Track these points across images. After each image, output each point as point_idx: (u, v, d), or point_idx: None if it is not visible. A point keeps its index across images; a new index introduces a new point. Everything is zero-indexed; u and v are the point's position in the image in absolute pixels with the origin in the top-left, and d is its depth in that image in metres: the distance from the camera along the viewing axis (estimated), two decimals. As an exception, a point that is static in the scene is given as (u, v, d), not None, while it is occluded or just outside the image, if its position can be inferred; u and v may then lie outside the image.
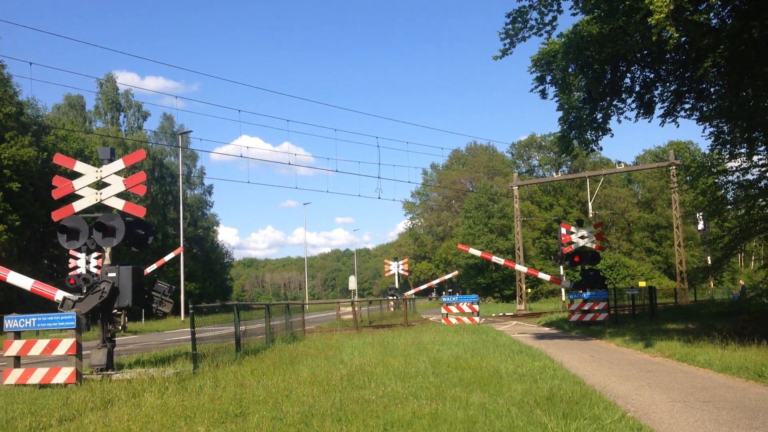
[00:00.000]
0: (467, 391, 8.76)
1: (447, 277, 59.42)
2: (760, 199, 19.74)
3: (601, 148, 20.81)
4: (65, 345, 11.62)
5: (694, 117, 19.28)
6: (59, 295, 13.76)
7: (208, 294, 67.17)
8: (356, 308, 30.39)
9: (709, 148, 20.42)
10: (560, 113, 19.64)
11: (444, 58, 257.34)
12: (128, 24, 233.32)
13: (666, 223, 78.36)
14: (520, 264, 45.95)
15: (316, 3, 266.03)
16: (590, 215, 51.69)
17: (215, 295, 69.99)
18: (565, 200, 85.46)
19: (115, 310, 13.34)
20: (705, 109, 18.98)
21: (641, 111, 19.59)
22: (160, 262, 39.48)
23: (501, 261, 35.84)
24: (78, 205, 13.34)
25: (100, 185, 13.55)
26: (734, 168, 19.84)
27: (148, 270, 32.58)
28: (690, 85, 18.69)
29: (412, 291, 47.15)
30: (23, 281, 14.54)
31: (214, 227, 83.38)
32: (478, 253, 33.88)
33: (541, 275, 39.71)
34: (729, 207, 22.38)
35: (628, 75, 19.40)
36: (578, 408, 7.44)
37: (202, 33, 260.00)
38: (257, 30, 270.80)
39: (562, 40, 17.98)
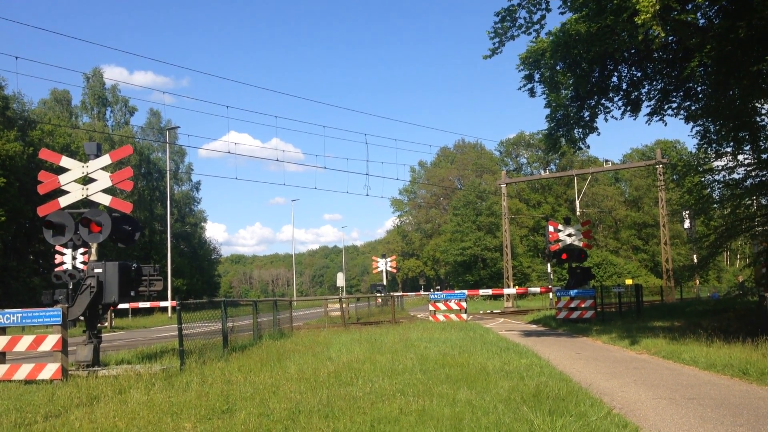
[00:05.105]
0: (454, 388, 8.78)
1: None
2: (746, 198, 19.88)
3: (588, 146, 20.95)
4: (51, 341, 11.55)
5: (681, 116, 19.41)
6: None
7: (195, 290, 66.91)
8: (344, 305, 30.39)
9: (696, 147, 20.54)
10: (548, 111, 19.71)
11: (433, 56, 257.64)
12: (118, 19, 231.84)
13: (653, 222, 78.73)
14: (508, 288, 46.32)
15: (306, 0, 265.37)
16: (578, 213, 51.93)
17: (203, 292, 69.76)
18: (553, 198, 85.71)
19: (101, 307, 13.22)
20: (692, 107, 19.10)
21: (628, 109, 19.69)
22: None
23: (489, 291, 36.61)
24: (64, 201, 13.24)
25: (86, 181, 13.46)
26: (720, 167, 19.96)
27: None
28: (677, 83, 18.79)
29: (400, 294, 47.33)
30: None
31: (202, 223, 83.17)
32: (463, 294, 33.82)
33: (531, 290, 40.29)
34: (715, 206, 22.50)
35: (616, 73, 19.49)
36: (564, 405, 7.47)
37: (192, 28, 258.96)
38: (247, 26, 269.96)
39: (551, 38, 18.01)
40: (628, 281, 48.92)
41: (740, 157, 19.16)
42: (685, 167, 22.14)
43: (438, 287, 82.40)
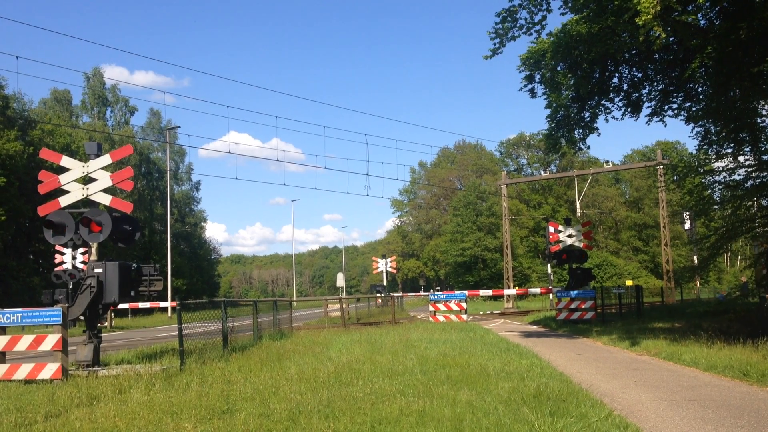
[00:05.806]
0: (455, 389, 8.77)
1: None
2: (747, 200, 19.88)
3: (588, 147, 20.92)
4: (51, 341, 11.54)
5: (681, 117, 19.40)
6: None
7: (195, 290, 66.88)
8: (344, 305, 30.36)
9: (696, 148, 20.53)
10: (548, 112, 19.69)
11: (434, 56, 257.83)
12: (118, 18, 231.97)
13: (653, 223, 78.67)
14: (508, 289, 46.31)
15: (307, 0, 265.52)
16: (578, 214, 51.83)
17: (202, 292, 69.74)
18: (554, 199, 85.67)
19: (101, 307, 13.20)
20: (692, 108, 19.09)
21: (629, 110, 19.68)
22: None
23: (489, 292, 36.62)
24: (64, 200, 13.23)
25: (86, 180, 13.45)
26: (721, 168, 19.95)
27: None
28: (677, 84, 18.78)
29: (400, 294, 47.24)
30: None
31: (202, 223, 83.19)
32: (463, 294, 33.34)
33: (532, 290, 40.40)
34: (715, 207, 22.50)
35: (616, 74, 19.47)
36: (565, 406, 7.46)
37: (192, 28, 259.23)
38: (247, 26, 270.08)
39: (551, 39, 17.99)
40: (629, 282, 48.85)
41: (741, 159, 19.16)
42: (686, 168, 22.11)
43: (438, 288, 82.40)
